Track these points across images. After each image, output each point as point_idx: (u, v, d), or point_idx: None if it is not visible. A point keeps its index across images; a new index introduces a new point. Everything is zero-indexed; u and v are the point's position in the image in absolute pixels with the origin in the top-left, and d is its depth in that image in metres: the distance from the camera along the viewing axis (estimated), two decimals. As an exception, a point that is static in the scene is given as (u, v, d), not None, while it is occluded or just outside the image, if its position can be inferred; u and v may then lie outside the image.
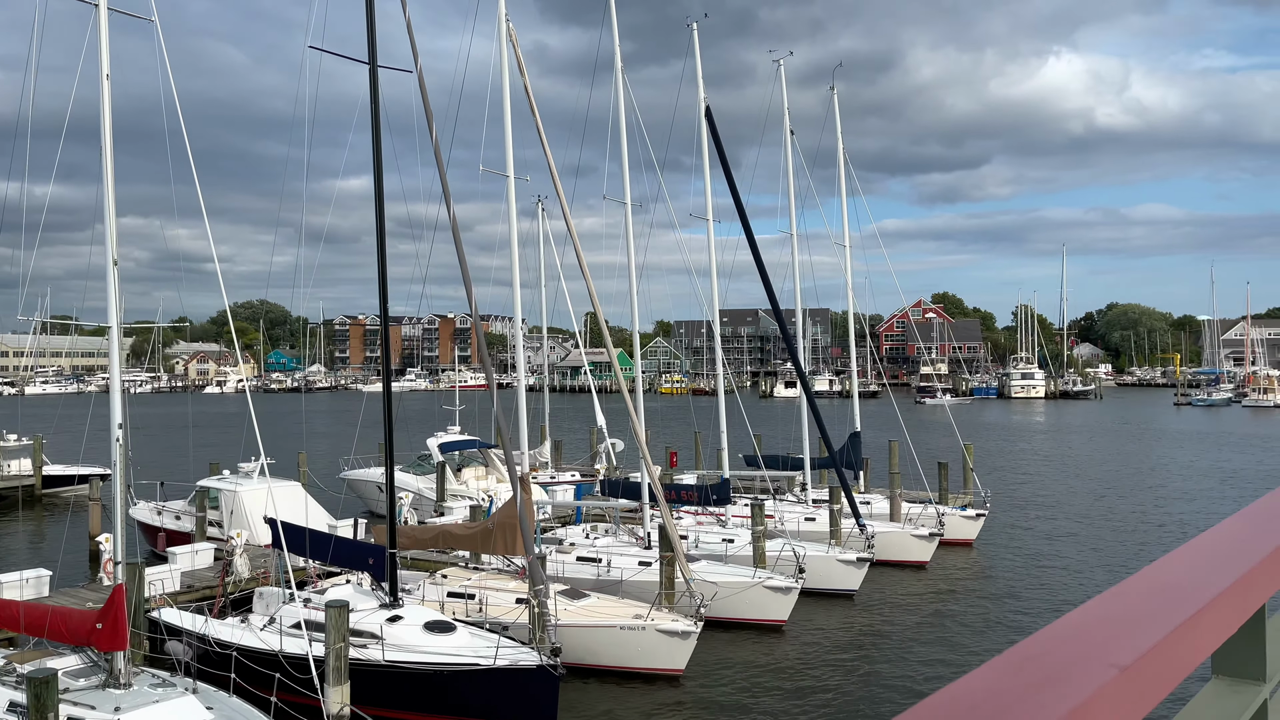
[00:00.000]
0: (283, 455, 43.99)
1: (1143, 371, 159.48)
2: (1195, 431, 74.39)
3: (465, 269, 16.66)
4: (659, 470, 37.21)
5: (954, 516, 29.88)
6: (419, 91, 16.74)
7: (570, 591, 19.88)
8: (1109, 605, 1.34)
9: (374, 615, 17.07)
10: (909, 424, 38.55)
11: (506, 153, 21.03)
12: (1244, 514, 2.01)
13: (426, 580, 21.04)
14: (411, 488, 35.73)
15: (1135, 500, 39.96)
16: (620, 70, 24.62)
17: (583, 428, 57.33)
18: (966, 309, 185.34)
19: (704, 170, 27.21)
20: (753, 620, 21.55)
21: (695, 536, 26.07)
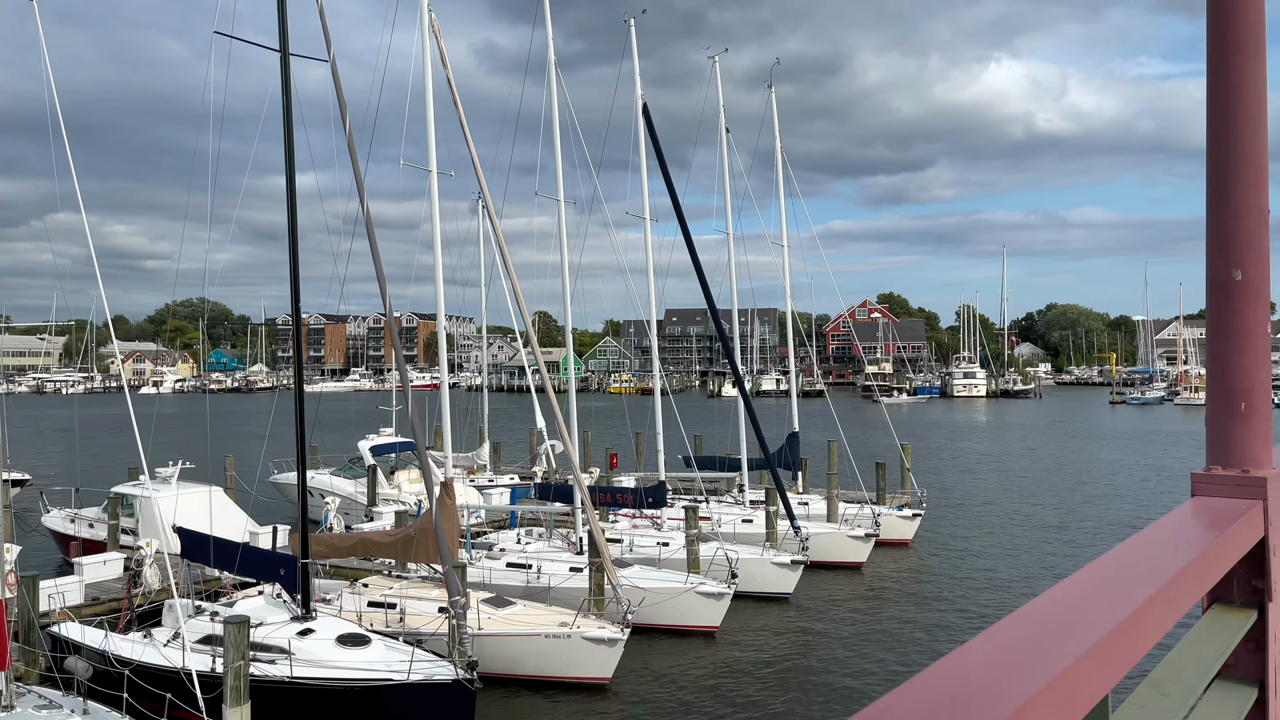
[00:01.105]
0: (212, 458, 42.61)
1: (1081, 371, 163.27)
2: (1128, 430, 76.13)
3: (379, 266, 15.99)
4: (597, 472, 36.81)
5: (890, 517, 29.87)
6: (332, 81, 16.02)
7: (495, 599, 19.29)
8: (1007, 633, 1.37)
9: (284, 629, 16.31)
10: (856, 424, 38.81)
11: (429, 148, 20.39)
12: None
13: (347, 589, 20.28)
14: (342, 492, 34.79)
15: (1067, 499, 40.52)
16: (554, 64, 24.07)
17: (527, 429, 56.70)
18: (912, 309, 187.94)
19: (641, 168, 26.78)
20: (684, 626, 21.16)
21: (630, 540, 25.61)
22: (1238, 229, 2.55)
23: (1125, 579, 1.60)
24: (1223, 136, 2.59)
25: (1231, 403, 2.68)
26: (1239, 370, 2.68)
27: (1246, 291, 2.59)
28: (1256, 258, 2.60)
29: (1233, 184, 2.57)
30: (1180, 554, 1.81)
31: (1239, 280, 2.58)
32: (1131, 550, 1.84)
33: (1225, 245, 2.67)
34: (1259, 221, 2.57)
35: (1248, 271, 2.58)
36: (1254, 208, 2.56)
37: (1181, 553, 1.83)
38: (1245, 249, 2.57)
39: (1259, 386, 2.68)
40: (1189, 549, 1.87)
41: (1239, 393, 2.71)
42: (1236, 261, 2.59)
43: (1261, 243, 2.72)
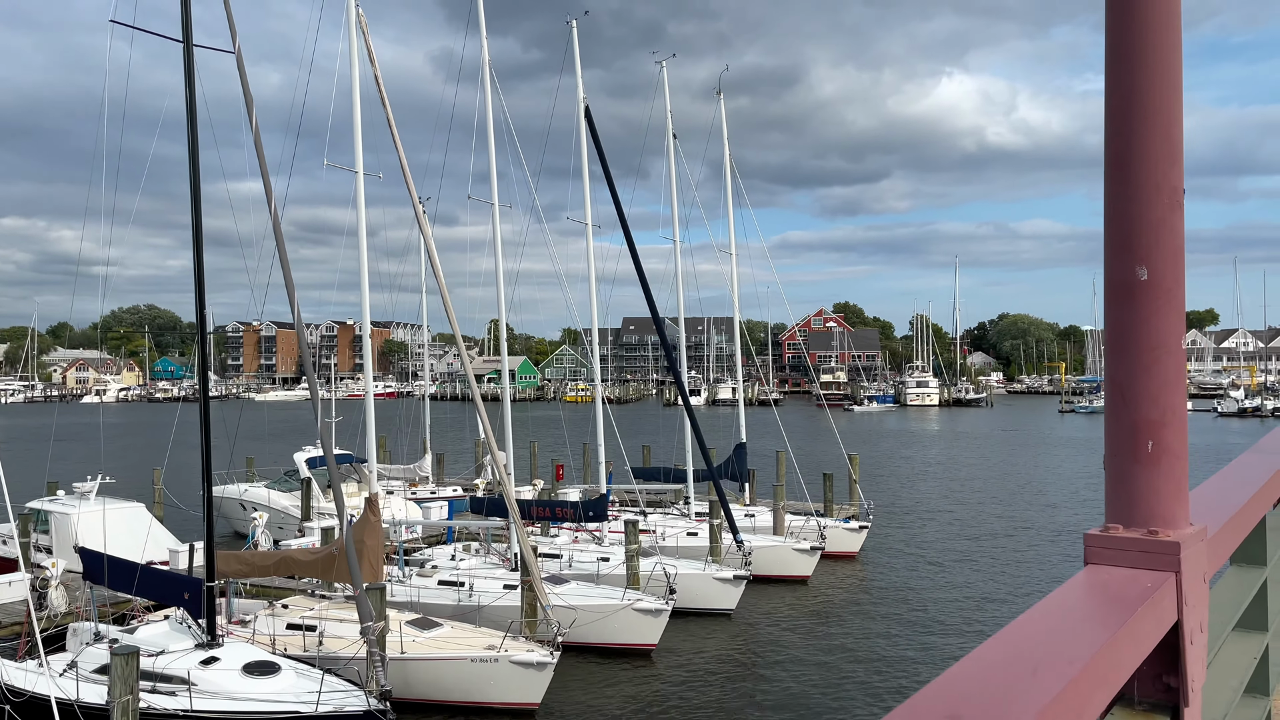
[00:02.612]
0: (144, 470, 40.98)
1: (1032, 379, 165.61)
2: (1075, 438, 76.98)
3: (286, 268, 15.10)
4: (541, 484, 35.95)
5: (836, 529, 29.43)
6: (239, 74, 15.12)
7: (420, 621, 18.40)
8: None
9: (186, 657, 15.29)
10: (811, 432, 38.39)
11: (355, 148, 19.51)
12: None
13: (264, 611, 19.25)
14: (277, 506, 33.56)
15: (1013, 507, 40.51)
16: (487, 63, 23.31)
17: (474, 439, 55.58)
18: (867, 318, 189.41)
19: (584, 173, 26.09)
20: (621, 645, 20.43)
21: (569, 556, 24.84)
22: (1143, 215, 1.96)
23: (999, 692, 1.27)
24: (1125, 94, 1.98)
25: (1135, 440, 2.04)
26: (1145, 397, 2.05)
27: (1154, 294, 1.98)
28: (1167, 251, 1.98)
29: (1137, 156, 1.97)
30: (1071, 648, 1.45)
31: (1144, 280, 1.98)
32: (1007, 646, 1.47)
33: (1127, 235, 2.00)
34: (1170, 205, 1.97)
35: (1156, 268, 1.98)
36: (1164, 187, 1.97)
37: (1073, 646, 1.46)
38: (1153, 240, 1.97)
39: (1171, 418, 2.04)
40: (1082, 642, 1.49)
41: (1144, 427, 2.06)
42: (1141, 256, 1.98)
43: (1174, 232, 2.01)
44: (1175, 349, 2.03)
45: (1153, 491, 2.02)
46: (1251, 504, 2.87)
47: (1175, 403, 2.03)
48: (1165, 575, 1.92)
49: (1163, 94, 2.00)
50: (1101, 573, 1.97)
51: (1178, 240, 2.05)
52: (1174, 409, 2.02)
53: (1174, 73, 2.01)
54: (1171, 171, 2.01)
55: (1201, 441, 70.61)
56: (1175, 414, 2.03)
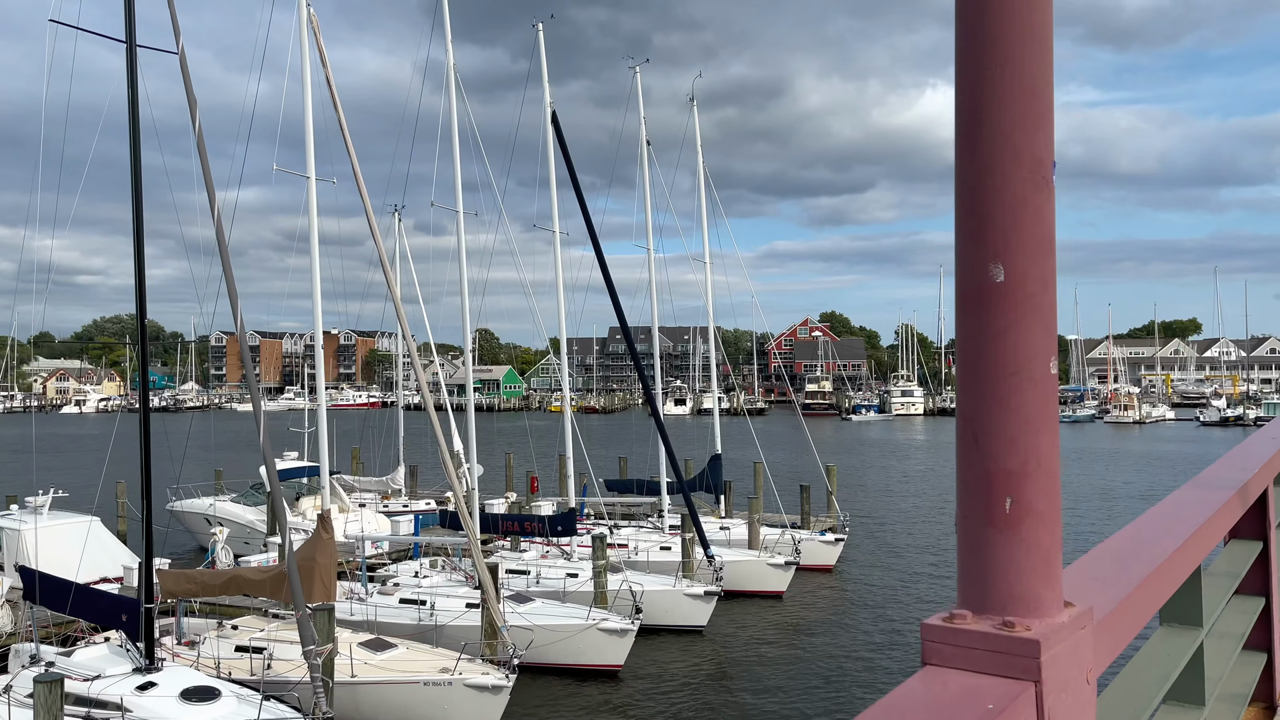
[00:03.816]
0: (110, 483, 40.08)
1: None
2: (1062, 449, 76.72)
3: (230, 277, 14.53)
4: (514, 497, 35.31)
5: (812, 541, 28.91)
6: (182, 76, 14.57)
7: (374, 642, 17.76)
8: None
9: (122, 682, 14.62)
10: (795, 443, 37.92)
11: (307, 152, 18.95)
12: None
13: (214, 632, 18.58)
14: (242, 520, 32.81)
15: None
16: (453, 67, 22.79)
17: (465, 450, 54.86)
18: (853, 328, 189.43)
19: (550, 179, 25.58)
20: (586, 666, 19.83)
21: (537, 572, 24.23)
22: (997, 195, 1.47)
23: None
24: (976, 36, 1.47)
25: (988, 497, 1.53)
26: (1000, 439, 1.53)
27: (1012, 300, 1.49)
28: (1030, 243, 1.49)
29: (991, 115, 1.47)
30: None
31: (999, 282, 1.48)
32: None
33: (977, 223, 1.50)
34: (1034, 182, 1.47)
35: (1015, 266, 1.48)
36: (1025, 157, 1.47)
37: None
38: (1010, 228, 1.47)
39: (1035, 468, 1.53)
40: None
41: (1000, 479, 1.53)
42: (995, 250, 1.48)
43: (1039, 218, 1.50)
44: (1041, 374, 1.51)
45: (1011, 566, 1.50)
46: (1176, 560, 2.37)
47: (1041, 446, 1.51)
48: (1020, 686, 1.40)
49: (1026, 37, 1.49)
50: (938, 679, 1.46)
51: (1045, 229, 1.53)
52: (1039, 455, 1.50)
53: (1041, 11, 1.51)
54: (1036, 137, 1.50)
55: (1181, 452, 70.53)
56: (1041, 462, 1.51)
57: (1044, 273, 1.50)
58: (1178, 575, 2.35)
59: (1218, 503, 2.83)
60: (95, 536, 25.63)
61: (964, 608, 1.51)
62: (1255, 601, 3.61)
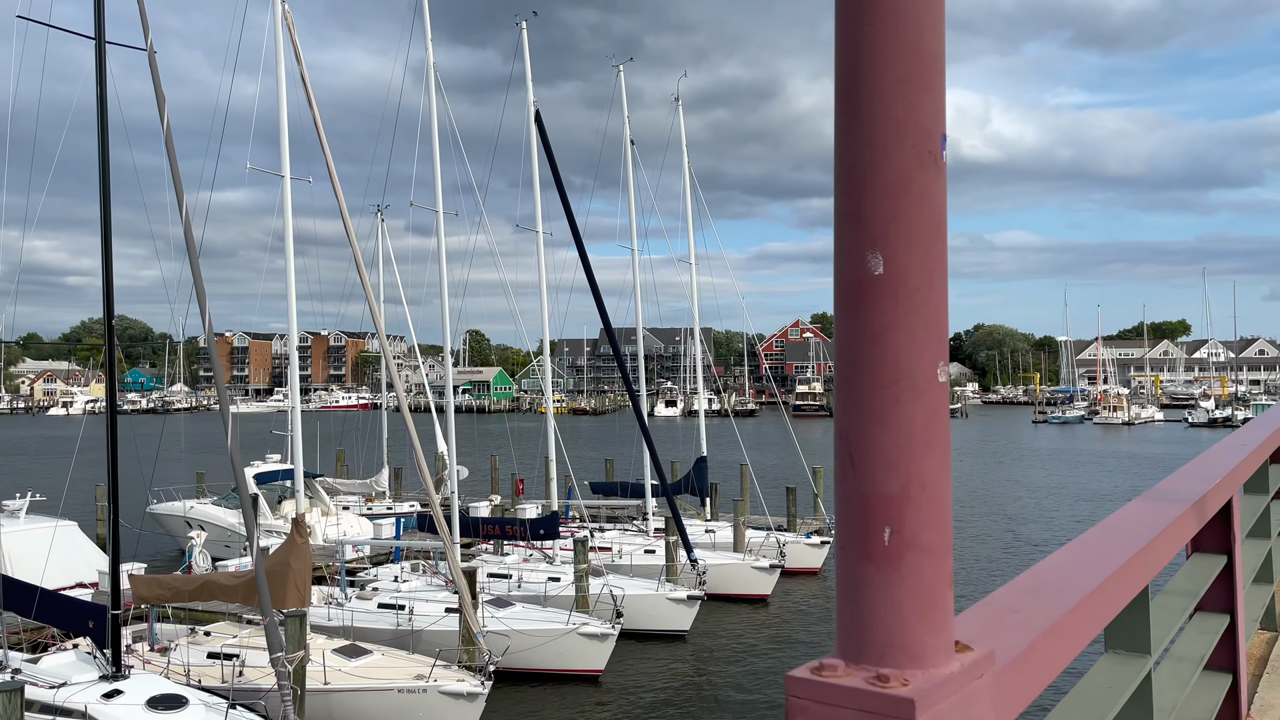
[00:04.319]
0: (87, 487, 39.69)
1: (1007, 390, 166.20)
2: (1048, 450, 76.84)
3: (198, 277, 14.26)
4: (498, 499, 35.05)
5: (798, 544, 28.73)
6: (151, 73, 14.30)
7: (348, 648, 17.48)
8: None
9: (87, 690, 14.32)
10: (786, 444, 37.75)
11: (282, 150, 18.69)
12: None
13: (187, 639, 18.27)
14: (223, 523, 32.46)
15: (979, 520, 40.00)
16: (433, 66, 22.56)
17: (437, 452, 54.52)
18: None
19: (534, 178, 25.36)
20: (567, 671, 19.59)
21: (519, 576, 23.98)
22: (880, 178, 1.25)
23: None
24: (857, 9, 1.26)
25: (865, 527, 1.31)
26: (877, 458, 1.31)
27: (893, 297, 1.27)
28: (914, 229, 1.27)
29: (869, 81, 1.25)
30: None
31: (878, 275, 1.27)
32: None
33: (857, 207, 1.27)
34: (919, 160, 1.25)
35: (896, 257, 1.26)
36: (908, 131, 1.25)
37: None
38: (891, 213, 1.26)
39: (918, 492, 1.31)
40: None
41: (878, 506, 1.31)
42: (874, 237, 1.26)
43: (925, 202, 1.27)
44: (927, 383, 1.29)
45: (889, 608, 1.27)
46: (1118, 581, 2.15)
47: (926, 468, 1.29)
48: (895, 755, 1.19)
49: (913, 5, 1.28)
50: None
51: (932, 213, 1.31)
52: (924, 478, 1.28)
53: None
54: (921, 105, 1.28)
55: (1169, 453, 70.63)
56: (926, 485, 1.28)
57: (930, 265, 1.28)
58: (1120, 597, 2.14)
59: (1170, 516, 2.62)
60: (71, 541, 25.26)
61: (839, 656, 1.29)
62: (1218, 619, 3.41)
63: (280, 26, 18.36)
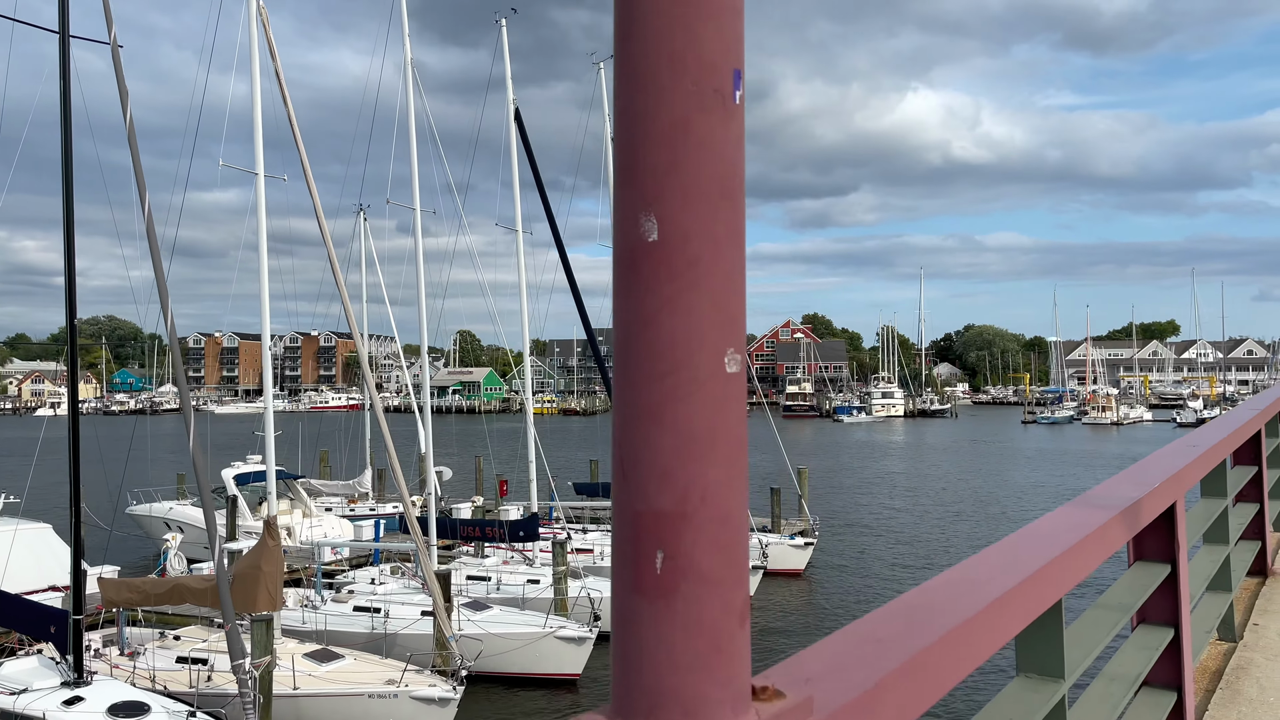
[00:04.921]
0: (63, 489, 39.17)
1: (997, 390, 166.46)
2: (1037, 450, 76.84)
3: (160, 275, 14.00)
4: (480, 501, 34.76)
5: (781, 545, 28.54)
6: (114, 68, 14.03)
7: (320, 653, 17.22)
8: None
9: (48, 697, 14.03)
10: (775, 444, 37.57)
11: (256, 148, 18.42)
12: None
13: (156, 643, 17.98)
14: (201, 525, 32.06)
15: (967, 521, 39.89)
16: (409, 63, 22.29)
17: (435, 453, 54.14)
18: (835, 330, 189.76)
19: (514, 177, 25.11)
20: (543, 675, 19.34)
21: (498, 579, 23.72)
22: (655, 123, 1.02)
23: None
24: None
25: (635, 551, 1.08)
26: (648, 467, 1.08)
27: (670, 270, 1.04)
28: (695, 187, 1.04)
29: (647, 12, 1.03)
30: None
31: (652, 242, 1.03)
32: None
33: (632, 159, 1.04)
34: (703, 102, 1.03)
35: (672, 219, 1.03)
36: (689, 67, 1.03)
37: None
38: (667, 166, 1.02)
39: (697, 508, 1.08)
40: None
41: (649, 525, 1.07)
42: (648, 197, 1.03)
43: (711, 152, 1.05)
44: (710, 374, 1.05)
45: (662, 649, 1.04)
46: (1020, 598, 1.91)
47: (710, 480, 1.06)
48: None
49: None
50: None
51: (718, 165, 1.07)
52: (705, 489, 1.05)
53: None
54: (703, 32, 1.05)
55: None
56: (709, 501, 1.05)
57: (715, 229, 1.05)
58: (1021, 615, 1.91)
59: (1093, 523, 2.40)
60: (45, 543, 24.94)
61: (609, 711, 1.06)
62: (1161, 633, 3.19)
63: (255, 22, 18.09)
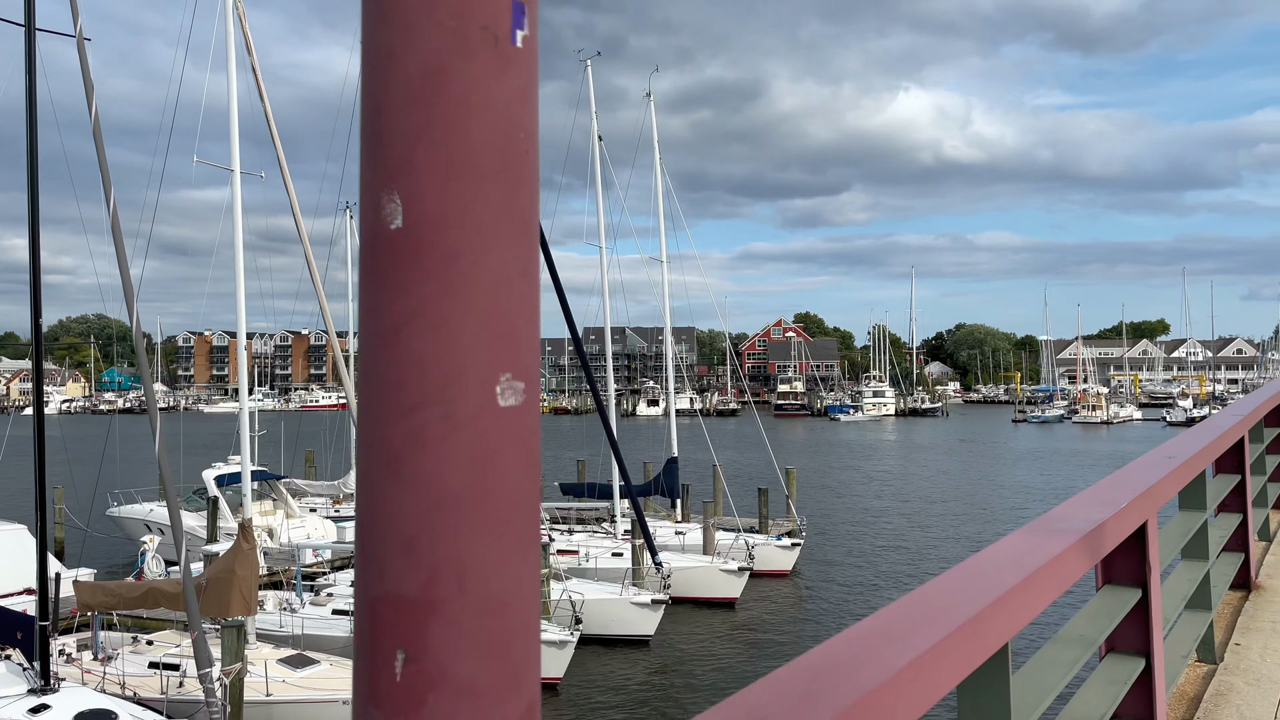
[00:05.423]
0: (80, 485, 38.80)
1: (988, 389, 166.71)
2: (1027, 449, 76.83)
3: (125, 272, 13.69)
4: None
5: (768, 546, 28.32)
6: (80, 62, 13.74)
7: (295, 658, 16.92)
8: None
9: (13, 705, 13.71)
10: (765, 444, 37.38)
11: (232, 145, 18.11)
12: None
13: (129, 648, 17.66)
14: (184, 527, 31.70)
15: (955, 521, 39.76)
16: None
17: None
18: (827, 329, 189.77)
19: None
20: (524, 678, 19.05)
21: (481, 579, 23.42)
22: (401, 77, 0.77)
23: None
24: None
25: (373, 648, 0.81)
26: (393, 535, 0.80)
27: (422, 268, 0.77)
28: (455, 159, 0.77)
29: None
30: None
31: (396, 230, 0.78)
32: None
33: (375, 125, 0.78)
34: (464, 47, 0.77)
35: (424, 201, 0.77)
36: (437, 10, 0.77)
37: None
38: (418, 133, 0.77)
39: (458, 589, 0.81)
40: None
41: (387, 614, 0.81)
42: (390, 173, 0.78)
43: (484, 112, 0.79)
44: (476, 411, 0.81)
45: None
46: (957, 641, 1.63)
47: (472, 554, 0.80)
48: None
49: None
50: None
51: (492, 131, 0.83)
52: (464, 570, 0.80)
53: None
54: None
55: (1145, 452, 70.61)
56: (469, 584, 0.80)
57: (482, 215, 0.78)
58: (952, 672, 1.65)
59: (1047, 553, 2.14)
60: (21, 545, 24.54)
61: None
62: (1132, 662, 2.95)
63: (231, 16, 17.77)
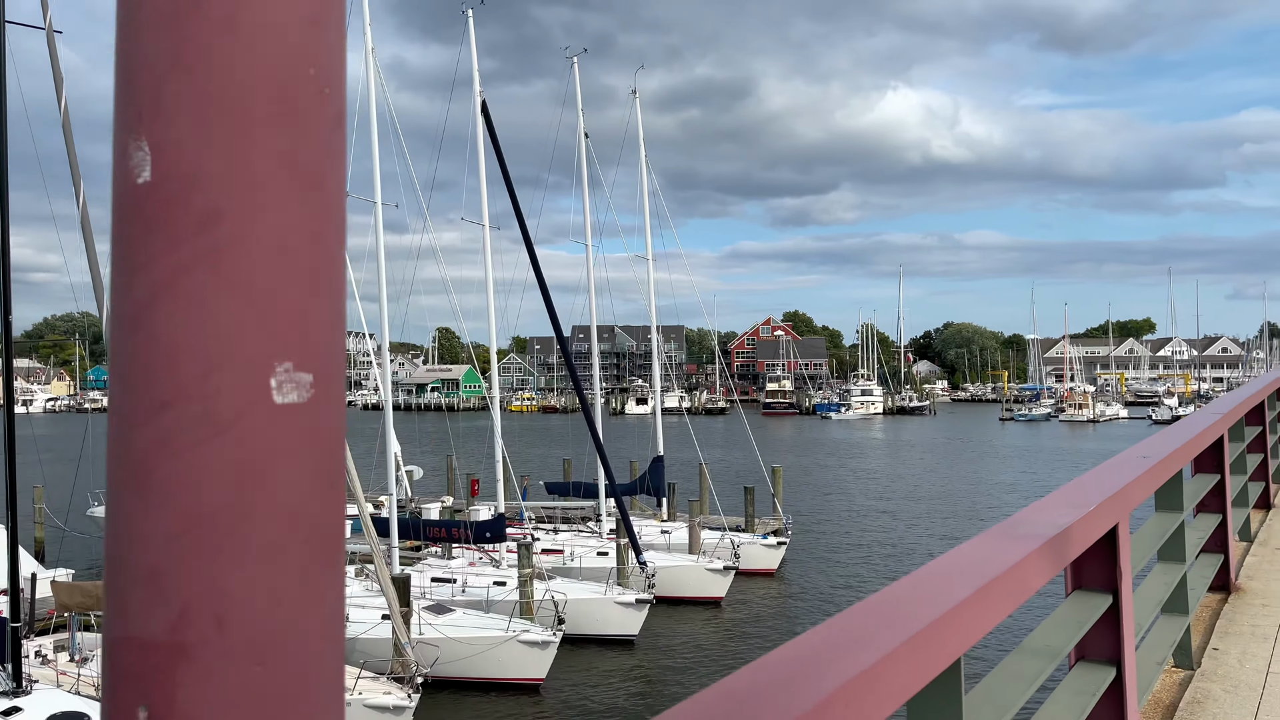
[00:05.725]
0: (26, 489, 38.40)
1: (976, 387, 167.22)
2: (1014, 447, 77.02)
3: (95, 268, 13.47)
4: (450, 501, 34.26)
5: (754, 545, 28.22)
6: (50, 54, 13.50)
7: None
8: None
9: (-18, 709, 13.48)
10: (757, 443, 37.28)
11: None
12: None
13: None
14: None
15: (940, 519, 39.77)
16: (370, 50, 21.76)
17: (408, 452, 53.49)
18: (816, 327, 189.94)
19: (480, 170, 24.61)
20: (506, 680, 18.92)
21: (464, 580, 23.26)
22: (162, 12, 0.68)
23: None
24: None
25: (113, 699, 0.65)
26: (135, 558, 0.64)
27: (174, 229, 0.68)
28: (219, 93, 0.69)
29: None
30: None
31: (144, 184, 0.69)
32: None
33: (129, 54, 0.69)
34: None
35: (181, 148, 0.69)
36: None
37: None
38: (170, 62, 0.68)
39: (215, 636, 0.65)
40: None
41: (129, 660, 0.68)
42: (139, 114, 0.69)
43: (261, 45, 0.70)
44: (245, 409, 0.68)
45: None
46: (906, 655, 1.50)
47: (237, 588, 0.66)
48: None
49: None
50: None
51: (273, 65, 0.69)
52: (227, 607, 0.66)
53: None
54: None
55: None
56: (231, 625, 0.66)
57: (252, 166, 0.65)
58: (897, 692, 1.52)
59: (1006, 560, 2.02)
60: None
61: None
62: (1102, 671, 2.83)
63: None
